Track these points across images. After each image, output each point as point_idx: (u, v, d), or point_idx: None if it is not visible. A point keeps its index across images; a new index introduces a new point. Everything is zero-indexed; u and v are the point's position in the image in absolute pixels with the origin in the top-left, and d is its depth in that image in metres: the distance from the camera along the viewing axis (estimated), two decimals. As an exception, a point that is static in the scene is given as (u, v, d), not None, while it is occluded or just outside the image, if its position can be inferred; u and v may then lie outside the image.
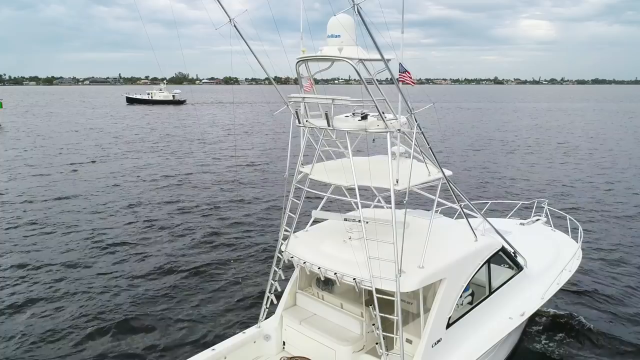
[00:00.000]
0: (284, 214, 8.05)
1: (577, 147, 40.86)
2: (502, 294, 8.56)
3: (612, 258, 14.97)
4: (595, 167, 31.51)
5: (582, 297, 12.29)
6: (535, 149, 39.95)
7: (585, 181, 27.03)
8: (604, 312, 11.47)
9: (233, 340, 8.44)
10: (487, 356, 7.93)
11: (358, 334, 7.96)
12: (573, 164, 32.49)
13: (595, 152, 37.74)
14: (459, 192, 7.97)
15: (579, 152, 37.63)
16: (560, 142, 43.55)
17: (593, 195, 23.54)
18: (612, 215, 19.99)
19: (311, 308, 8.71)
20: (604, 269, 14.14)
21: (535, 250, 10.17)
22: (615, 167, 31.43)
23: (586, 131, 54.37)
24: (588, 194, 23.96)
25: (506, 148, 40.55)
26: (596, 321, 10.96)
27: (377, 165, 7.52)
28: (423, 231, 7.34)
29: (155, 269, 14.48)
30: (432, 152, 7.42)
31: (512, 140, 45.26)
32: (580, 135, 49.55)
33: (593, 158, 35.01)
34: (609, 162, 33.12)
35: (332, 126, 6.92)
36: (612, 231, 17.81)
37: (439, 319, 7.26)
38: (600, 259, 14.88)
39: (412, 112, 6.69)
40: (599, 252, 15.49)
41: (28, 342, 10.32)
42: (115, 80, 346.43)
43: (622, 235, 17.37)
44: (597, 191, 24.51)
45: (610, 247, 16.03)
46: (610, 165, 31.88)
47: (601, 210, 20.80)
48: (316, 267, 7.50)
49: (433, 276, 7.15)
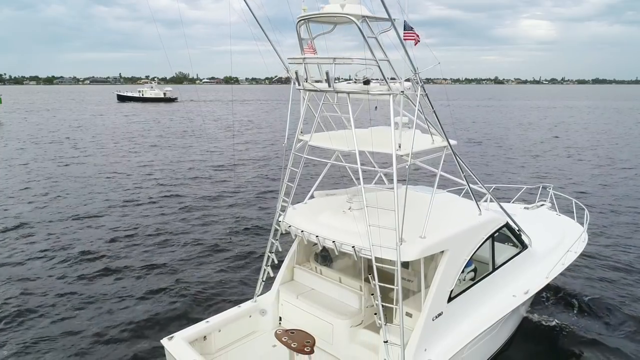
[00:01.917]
0: (282, 183, 7.80)
1: (583, 138, 41.12)
2: (505, 271, 8.30)
3: (619, 243, 14.75)
4: (604, 158, 31.57)
5: (588, 281, 12.03)
6: (540, 139, 39.88)
7: (593, 170, 27.14)
8: (611, 297, 11.17)
9: (228, 313, 8.22)
10: (489, 333, 7.67)
11: (357, 308, 7.71)
12: (581, 155, 32.66)
13: (603, 145, 37.86)
14: (464, 163, 7.70)
15: (586, 146, 37.64)
16: (567, 137, 43.45)
17: (601, 182, 23.58)
18: (619, 200, 19.97)
19: (309, 283, 8.47)
20: (610, 253, 13.89)
21: (540, 232, 9.89)
22: (623, 157, 31.48)
23: (592, 125, 54.46)
24: (595, 180, 24.05)
25: (510, 140, 40.50)
26: (602, 306, 10.68)
27: (378, 134, 7.26)
28: (425, 205, 7.07)
29: (151, 244, 14.68)
30: (437, 117, 7.14)
31: (518, 133, 45.23)
32: (585, 128, 49.83)
33: (601, 150, 35.10)
34: (617, 153, 33.26)
35: (332, 87, 6.65)
36: (619, 217, 17.66)
37: (440, 292, 7.00)
38: (606, 245, 14.65)
39: (416, 71, 6.44)
40: (605, 237, 15.28)
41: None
42: (115, 80, 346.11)
43: (630, 221, 17.22)
44: (605, 178, 24.59)
45: (617, 232, 15.85)
46: (619, 156, 31.94)
47: (609, 196, 20.80)
48: (314, 236, 7.25)
49: (435, 247, 6.88)
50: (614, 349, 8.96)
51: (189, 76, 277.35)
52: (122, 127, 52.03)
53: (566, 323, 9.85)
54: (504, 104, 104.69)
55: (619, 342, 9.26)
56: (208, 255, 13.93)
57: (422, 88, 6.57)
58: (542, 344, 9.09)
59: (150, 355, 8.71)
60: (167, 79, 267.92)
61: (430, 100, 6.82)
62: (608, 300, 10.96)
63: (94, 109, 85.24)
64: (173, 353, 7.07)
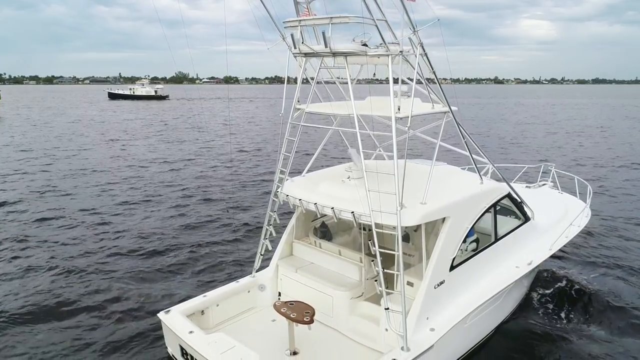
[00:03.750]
0: (280, 154, 7.65)
1: (588, 126, 42.09)
2: (508, 242, 8.16)
3: (623, 217, 14.91)
4: (606, 145, 32.24)
5: (591, 258, 11.93)
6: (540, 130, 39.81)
7: (595, 156, 27.66)
8: (614, 276, 11.00)
9: (226, 288, 8.08)
10: (492, 304, 7.53)
11: (357, 280, 7.56)
12: (585, 141, 33.62)
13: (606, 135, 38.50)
14: (465, 131, 7.53)
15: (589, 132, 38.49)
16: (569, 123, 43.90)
17: (605, 164, 24.17)
18: (623, 182, 20.35)
19: (308, 257, 8.32)
20: (613, 230, 13.93)
21: (543, 208, 9.75)
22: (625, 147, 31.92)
23: (594, 120, 55.03)
24: (598, 162, 24.67)
25: (512, 131, 40.78)
26: (605, 283, 10.52)
27: (377, 102, 7.10)
28: (426, 176, 6.93)
29: (145, 217, 15.12)
30: (437, 80, 6.98)
31: (518, 124, 45.16)
32: (588, 120, 50.37)
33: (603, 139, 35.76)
34: (619, 142, 33.78)
35: (329, 48, 6.49)
36: (622, 197, 17.94)
37: (442, 260, 6.85)
38: (610, 220, 14.71)
39: (415, 29, 6.28)
40: (608, 215, 15.36)
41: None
42: (115, 80, 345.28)
43: (634, 201, 17.48)
44: (608, 161, 25.15)
45: (620, 209, 16.08)
46: (622, 146, 32.34)
47: (612, 177, 21.26)
48: (312, 204, 7.10)
49: (436, 213, 6.74)
50: (618, 327, 8.80)
51: (188, 76, 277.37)
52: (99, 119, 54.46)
53: (569, 300, 9.70)
54: (502, 102, 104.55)
55: (622, 319, 9.08)
56: (203, 230, 14.14)
57: (421, 47, 6.40)
58: (544, 320, 8.93)
59: (147, 330, 8.55)
60: (167, 79, 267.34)
61: (430, 61, 6.65)
62: (612, 278, 10.83)
63: (81, 106, 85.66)
64: (170, 326, 6.93)
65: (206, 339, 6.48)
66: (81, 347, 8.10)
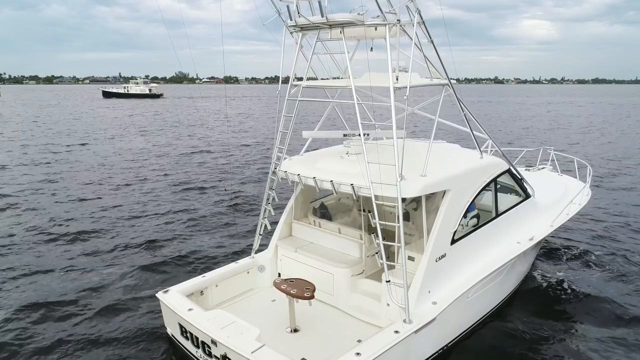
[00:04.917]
0: (277, 132, 7.56)
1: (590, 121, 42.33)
2: (509, 218, 8.10)
3: (623, 198, 15.05)
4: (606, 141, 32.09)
5: (592, 238, 11.95)
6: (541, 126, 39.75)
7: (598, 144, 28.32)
8: (616, 253, 10.99)
9: (225, 269, 8.00)
10: (494, 280, 7.45)
11: (357, 257, 7.49)
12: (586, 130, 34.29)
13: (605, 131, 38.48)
14: (463, 104, 7.45)
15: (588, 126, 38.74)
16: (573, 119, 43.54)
17: (605, 150, 24.67)
18: (623, 165, 20.84)
19: (307, 237, 8.24)
20: (613, 210, 14.06)
21: (543, 189, 9.71)
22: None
23: (594, 116, 55.20)
24: (598, 147, 25.00)
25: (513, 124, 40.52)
26: (608, 262, 10.49)
27: (375, 76, 7.03)
28: (425, 152, 6.87)
29: (145, 200, 15.48)
30: (436, 51, 6.89)
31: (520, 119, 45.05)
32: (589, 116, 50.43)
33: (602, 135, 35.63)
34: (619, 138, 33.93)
35: (325, 18, 6.39)
36: (623, 177, 18.37)
37: (443, 233, 6.77)
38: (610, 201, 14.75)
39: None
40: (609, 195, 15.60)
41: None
42: (115, 80, 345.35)
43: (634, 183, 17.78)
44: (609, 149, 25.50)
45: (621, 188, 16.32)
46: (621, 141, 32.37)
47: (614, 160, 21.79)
48: (311, 178, 7.01)
49: (436, 185, 6.66)
50: (619, 305, 8.69)
51: (188, 76, 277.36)
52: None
53: (571, 279, 9.65)
54: (501, 101, 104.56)
55: (624, 298, 9.00)
56: (201, 213, 14.30)
57: (419, 15, 6.31)
58: (547, 299, 8.86)
59: (145, 309, 8.45)
60: (167, 79, 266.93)
61: (428, 30, 6.56)
62: (613, 257, 10.80)
63: (73, 103, 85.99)
64: (169, 305, 6.84)
65: (206, 315, 6.41)
66: (79, 336, 7.77)
